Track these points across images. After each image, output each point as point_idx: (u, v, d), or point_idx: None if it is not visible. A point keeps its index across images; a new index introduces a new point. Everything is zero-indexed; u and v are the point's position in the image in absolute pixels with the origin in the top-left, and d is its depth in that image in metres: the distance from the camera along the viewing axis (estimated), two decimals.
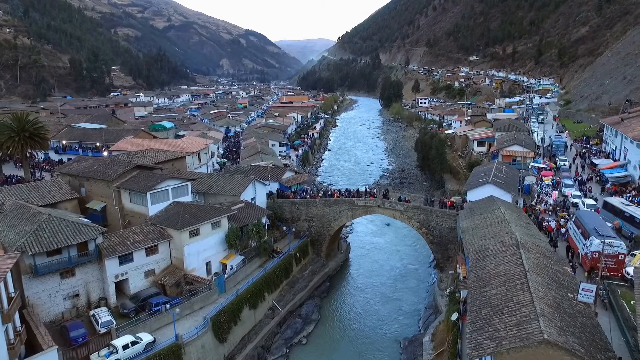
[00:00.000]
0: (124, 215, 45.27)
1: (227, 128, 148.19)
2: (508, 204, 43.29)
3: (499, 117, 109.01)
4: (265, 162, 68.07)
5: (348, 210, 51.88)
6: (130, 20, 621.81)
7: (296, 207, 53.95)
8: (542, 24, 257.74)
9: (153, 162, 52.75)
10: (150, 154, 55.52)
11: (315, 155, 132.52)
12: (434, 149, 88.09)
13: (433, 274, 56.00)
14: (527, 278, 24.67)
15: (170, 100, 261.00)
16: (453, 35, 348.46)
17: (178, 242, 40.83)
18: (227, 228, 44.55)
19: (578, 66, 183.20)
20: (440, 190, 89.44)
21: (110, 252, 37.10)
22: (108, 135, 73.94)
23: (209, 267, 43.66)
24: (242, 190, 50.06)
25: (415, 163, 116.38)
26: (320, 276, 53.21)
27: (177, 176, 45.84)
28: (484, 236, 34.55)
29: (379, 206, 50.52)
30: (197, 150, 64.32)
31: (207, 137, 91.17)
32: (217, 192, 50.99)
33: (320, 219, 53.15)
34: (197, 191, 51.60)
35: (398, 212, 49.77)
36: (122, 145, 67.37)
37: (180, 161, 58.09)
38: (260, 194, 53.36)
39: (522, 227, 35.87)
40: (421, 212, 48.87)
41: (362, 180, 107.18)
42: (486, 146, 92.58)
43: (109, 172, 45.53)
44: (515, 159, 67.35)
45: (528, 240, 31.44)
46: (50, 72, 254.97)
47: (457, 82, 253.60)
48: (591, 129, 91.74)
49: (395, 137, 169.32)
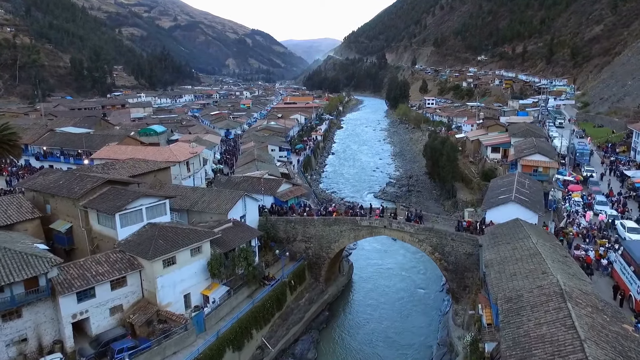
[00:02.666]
0: (92, 238, 39.35)
1: (227, 130, 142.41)
2: (537, 230, 36.95)
3: (514, 121, 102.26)
4: (260, 171, 61.98)
5: (350, 231, 45.60)
6: (136, 19, 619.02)
7: (292, 225, 47.75)
8: (553, 22, 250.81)
9: (131, 175, 46.91)
10: (129, 164, 49.65)
11: (319, 159, 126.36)
12: (444, 156, 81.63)
13: (446, 301, 49.70)
14: (585, 352, 18.42)
15: (173, 101, 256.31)
16: (461, 34, 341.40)
17: (150, 273, 34.87)
18: (210, 254, 38.53)
19: (593, 66, 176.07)
20: (451, 201, 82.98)
21: (65, 288, 31.18)
22: (91, 141, 68.12)
23: (187, 300, 37.65)
24: (230, 208, 44.00)
25: (423, 169, 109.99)
26: (318, 305, 47.06)
27: (152, 194, 39.83)
28: (514, 275, 28.28)
29: (385, 227, 44.20)
30: (185, 159, 58.34)
31: (201, 142, 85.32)
32: (202, 210, 44.98)
33: (319, 240, 46.93)
34: (179, 208, 45.66)
35: (407, 234, 43.43)
36: (105, 152, 61.64)
37: (164, 172, 52.17)
38: (251, 211, 47.30)
39: (560, 263, 29.55)
40: (434, 234, 42.50)
41: (367, 187, 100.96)
42: (501, 152, 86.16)
43: (75, 188, 39.63)
44: (536, 169, 60.80)
45: (573, 286, 25.13)
46: (50, 71, 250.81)
47: (465, 83, 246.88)
48: (615, 135, 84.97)
49: (402, 139, 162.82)
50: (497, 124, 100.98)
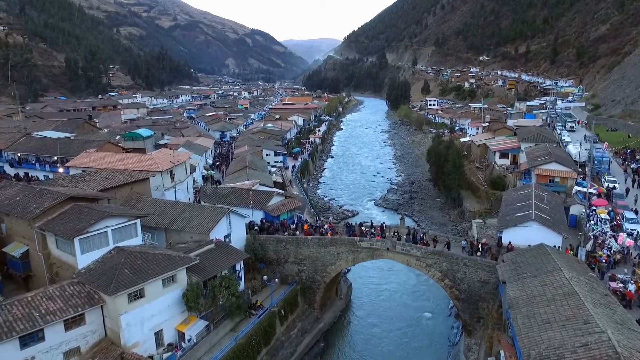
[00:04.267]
0: (50, 265, 34.15)
1: (222, 132, 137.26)
2: (567, 259, 31.72)
3: (522, 124, 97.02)
4: (250, 181, 56.68)
5: (349, 253, 40.27)
6: (135, 19, 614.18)
7: (283, 245, 42.45)
8: (557, 22, 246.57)
9: (103, 188, 41.65)
10: (102, 176, 44.37)
11: (317, 163, 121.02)
12: (450, 163, 76.30)
13: (455, 330, 44.44)
14: None
15: (170, 101, 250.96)
16: (462, 34, 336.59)
17: (113, 309, 29.67)
18: (186, 283, 33.32)
19: (600, 67, 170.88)
20: (457, 210, 77.72)
21: (4, 333, 25.96)
22: (68, 147, 62.80)
23: (159, 337, 32.43)
24: (212, 227, 38.74)
25: (426, 174, 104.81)
26: (312, 335, 41.78)
27: (120, 213, 34.57)
28: (547, 323, 23.05)
29: (388, 249, 38.88)
30: (166, 169, 53.04)
31: (191, 147, 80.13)
32: (181, 229, 39.73)
33: (314, 263, 41.64)
34: (156, 226, 40.42)
35: (413, 258, 38.09)
36: (81, 160, 56.37)
37: (142, 184, 46.89)
38: (237, 229, 42.03)
39: (603, 306, 24.32)
40: (444, 259, 37.19)
41: (367, 194, 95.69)
42: (510, 158, 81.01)
43: (32, 206, 34.43)
44: (552, 180, 55.53)
45: (630, 346, 19.87)
46: (44, 71, 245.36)
47: (467, 83, 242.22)
48: (632, 139, 79.74)
49: (404, 142, 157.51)
50: (504, 127, 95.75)
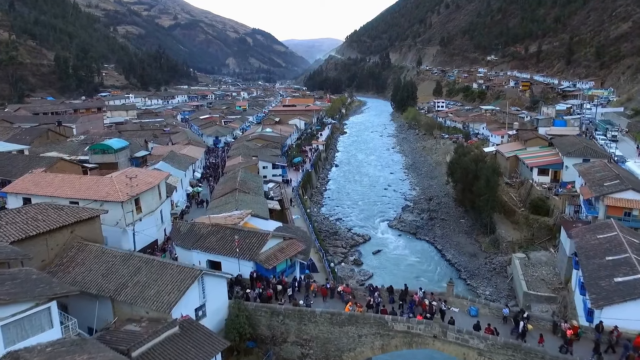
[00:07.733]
0: None
1: (215, 137, 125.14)
2: None
3: (556, 133, 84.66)
4: (240, 212, 44.08)
5: (375, 337, 27.51)
6: (135, 18, 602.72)
7: (280, 320, 29.87)
8: (569, 20, 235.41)
9: (23, 236, 29.22)
10: (29, 215, 31.83)
11: (320, 174, 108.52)
12: (482, 180, 63.69)
13: None
14: None
15: (165, 102, 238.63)
16: (469, 33, 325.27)
17: None
18: None
19: (626, 67, 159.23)
20: (489, 237, 65.16)
21: None
22: (12, 165, 50.38)
23: None
24: (176, 301, 26.15)
25: (443, 187, 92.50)
26: None
27: (16, 299, 21.97)
28: None
29: (435, 337, 26.39)
30: (129, 198, 40.55)
31: (174, 159, 67.64)
32: (132, 301, 27.22)
33: (324, 346, 29.11)
34: (98, 293, 28.01)
35: (475, 351, 25.63)
36: (22, 184, 43.90)
37: (89, 224, 34.40)
38: (215, 296, 29.51)
39: None
40: (522, 356, 24.70)
41: (379, 213, 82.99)
42: (550, 175, 68.76)
43: None
44: (629, 213, 43.09)
45: None
46: (31, 70, 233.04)
47: (475, 84, 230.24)
48: None
49: (414, 148, 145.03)
50: (537, 136, 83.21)
